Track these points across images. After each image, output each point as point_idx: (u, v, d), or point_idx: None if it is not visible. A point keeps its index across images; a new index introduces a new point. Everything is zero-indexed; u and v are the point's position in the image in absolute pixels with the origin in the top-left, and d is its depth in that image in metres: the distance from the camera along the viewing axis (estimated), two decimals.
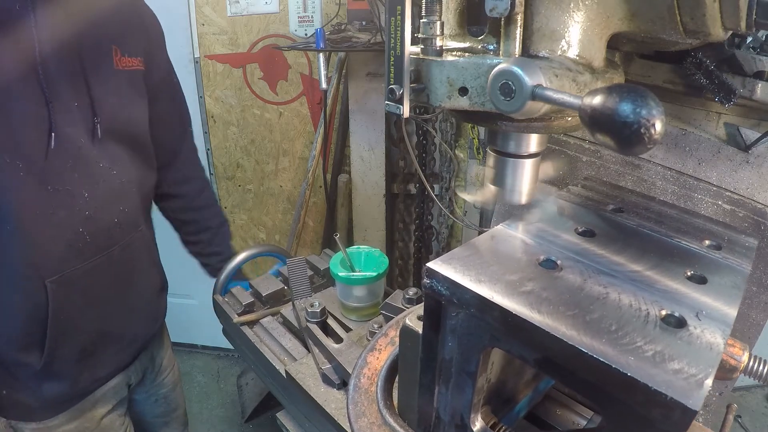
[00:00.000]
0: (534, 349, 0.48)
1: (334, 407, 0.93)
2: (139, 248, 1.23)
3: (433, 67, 0.61)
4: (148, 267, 1.31)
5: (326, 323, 1.10)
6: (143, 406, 1.47)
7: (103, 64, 1.07)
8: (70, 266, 1.06)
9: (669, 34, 0.61)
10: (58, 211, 1.02)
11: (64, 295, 1.05)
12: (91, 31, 1.04)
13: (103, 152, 1.07)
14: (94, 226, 1.08)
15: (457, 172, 2.11)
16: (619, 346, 0.43)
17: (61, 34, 0.98)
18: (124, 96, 1.12)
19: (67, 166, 1.01)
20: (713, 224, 0.70)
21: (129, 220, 1.17)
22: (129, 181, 1.15)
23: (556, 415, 0.79)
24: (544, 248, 0.60)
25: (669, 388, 0.39)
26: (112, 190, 1.11)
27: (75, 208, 1.04)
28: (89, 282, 1.10)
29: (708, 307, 0.50)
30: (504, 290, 0.51)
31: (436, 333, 0.57)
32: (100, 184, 1.07)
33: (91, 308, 1.12)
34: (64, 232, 1.03)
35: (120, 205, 1.13)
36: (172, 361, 1.53)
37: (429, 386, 0.62)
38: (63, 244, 1.04)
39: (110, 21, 1.09)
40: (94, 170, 1.06)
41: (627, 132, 0.41)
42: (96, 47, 1.05)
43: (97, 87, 1.04)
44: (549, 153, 0.72)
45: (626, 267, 0.57)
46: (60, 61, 0.98)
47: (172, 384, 1.51)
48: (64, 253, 1.04)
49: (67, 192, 1.02)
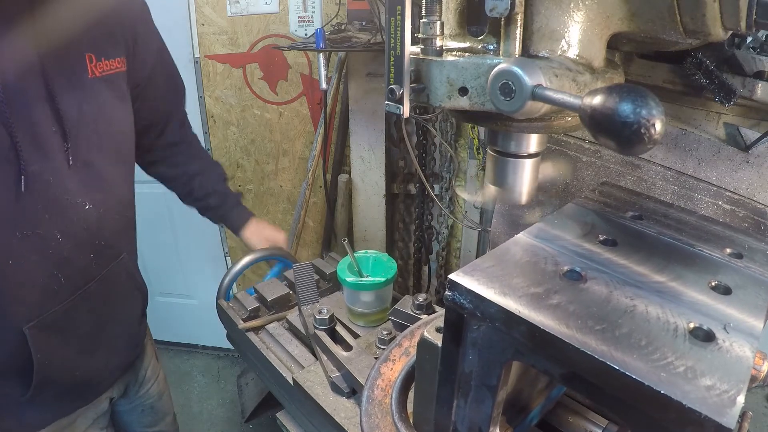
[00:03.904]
0: (561, 364, 0.47)
1: (344, 416, 0.92)
2: (119, 277, 1.17)
3: (433, 67, 0.60)
4: (129, 292, 1.24)
5: (334, 330, 1.09)
6: (129, 417, 1.42)
7: (75, 78, 0.98)
8: (47, 310, 1.00)
9: (669, 34, 0.61)
10: (29, 257, 0.94)
11: (44, 339, 1.00)
12: (58, 47, 0.94)
13: (76, 183, 0.99)
14: (69, 266, 1.01)
15: (457, 172, 2.11)
16: (650, 362, 0.43)
17: (22, 57, 0.88)
18: (102, 105, 1.04)
19: (37, 208, 0.93)
20: (732, 231, 0.70)
21: (107, 252, 1.11)
22: (108, 208, 1.08)
23: (569, 422, 0.78)
24: (567, 258, 0.59)
25: (703, 406, 0.38)
26: (88, 226, 1.03)
27: (48, 251, 0.97)
28: (68, 321, 1.05)
29: (735, 319, 0.50)
30: (530, 303, 0.50)
31: (457, 346, 0.56)
32: (74, 222, 1.00)
33: (72, 346, 1.08)
34: (36, 277, 0.97)
35: (97, 239, 1.06)
36: (157, 371, 1.47)
37: (447, 399, 0.61)
38: (37, 289, 0.97)
39: (82, 29, 0.99)
40: (66, 208, 0.98)
41: (627, 132, 0.41)
42: (65, 62, 0.96)
43: (67, 108, 0.95)
44: (549, 153, 0.72)
45: (650, 278, 0.56)
46: (23, 90, 0.88)
47: (157, 394, 1.46)
48: (39, 298, 0.98)
49: (39, 236, 0.95)
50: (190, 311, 2.92)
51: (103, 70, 1.04)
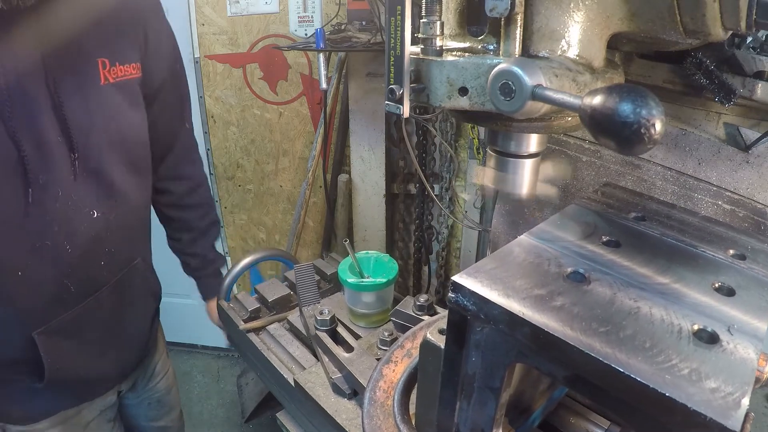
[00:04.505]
0: (565, 366, 0.47)
1: (345, 417, 0.92)
2: (132, 283, 1.16)
3: (433, 67, 0.60)
4: (142, 297, 1.24)
5: (335, 331, 1.09)
6: (136, 410, 1.43)
7: (85, 85, 0.94)
8: (56, 316, 1.00)
9: (669, 34, 0.61)
10: (38, 268, 0.94)
11: (53, 344, 1.01)
12: (66, 52, 0.90)
13: (84, 192, 0.97)
14: (79, 275, 1.01)
15: (457, 172, 2.11)
16: (654, 364, 0.43)
17: (27, 63, 0.85)
18: (115, 113, 1.00)
19: (46, 219, 0.92)
20: (735, 232, 0.70)
21: (118, 259, 1.10)
22: (119, 216, 1.05)
23: (571, 423, 0.78)
24: (570, 259, 0.59)
25: (708, 408, 0.38)
26: (97, 234, 1.02)
27: (57, 261, 0.96)
28: (78, 327, 1.05)
29: (738, 321, 0.49)
30: (533, 305, 0.50)
31: (460, 348, 0.56)
32: (83, 231, 0.98)
33: (83, 350, 1.08)
34: (46, 287, 0.97)
35: (106, 247, 1.05)
36: (167, 366, 1.48)
37: (450, 401, 0.61)
38: (46, 298, 0.98)
39: (94, 33, 0.95)
40: (74, 218, 0.96)
41: (627, 132, 0.41)
42: (74, 68, 0.92)
43: (75, 116, 0.92)
44: (549, 153, 0.72)
45: (654, 279, 0.56)
46: (28, 98, 0.85)
47: (165, 388, 1.46)
48: (48, 305, 0.99)
49: (47, 247, 0.94)
50: (190, 311, 2.92)
51: (117, 75, 1.00)
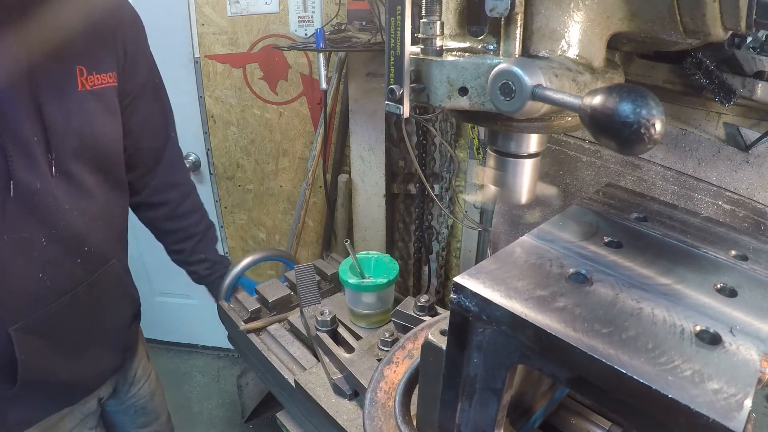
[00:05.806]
0: (567, 368, 0.46)
1: (346, 418, 0.92)
2: (108, 283, 1.16)
3: (433, 67, 0.60)
4: (119, 299, 1.24)
5: (336, 331, 1.09)
6: (121, 417, 1.41)
7: (63, 90, 0.98)
8: (32, 313, 1.01)
9: (669, 34, 0.61)
10: (15, 260, 0.96)
11: (29, 341, 1.01)
12: (48, 57, 0.94)
13: (61, 191, 1.00)
14: (55, 270, 1.02)
15: (457, 172, 2.11)
16: (657, 366, 0.43)
17: (12, 66, 0.89)
18: (90, 119, 1.03)
19: (24, 213, 0.94)
20: (737, 233, 0.70)
21: (95, 257, 1.11)
22: (94, 216, 1.08)
23: (572, 424, 0.78)
24: (572, 260, 0.59)
25: (711, 410, 0.38)
26: (75, 231, 1.04)
27: (33, 255, 0.98)
28: (54, 325, 1.06)
29: (741, 322, 0.49)
30: (536, 306, 0.49)
31: (462, 349, 0.56)
32: (61, 227, 1.01)
33: (58, 349, 1.08)
34: (22, 281, 0.98)
35: (84, 245, 1.07)
36: (148, 370, 1.45)
37: (451, 402, 0.60)
38: (22, 293, 0.98)
39: (74, 40, 0.99)
40: (53, 213, 0.99)
41: (627, 132, 0.41)
42: (54, 74, 0.96)
43: (53, 120, 0.95)
44: (549, 153, 0.72)
45: (656, 280, 0.56)
46: (11, 98, 0.89)
47: (149, 394, 1.44)
48: (25, 301, 0.99)
49: (24, 240, 0.96)
50: (190, 311, 2.92)
51: (94, 83, 1.04)
